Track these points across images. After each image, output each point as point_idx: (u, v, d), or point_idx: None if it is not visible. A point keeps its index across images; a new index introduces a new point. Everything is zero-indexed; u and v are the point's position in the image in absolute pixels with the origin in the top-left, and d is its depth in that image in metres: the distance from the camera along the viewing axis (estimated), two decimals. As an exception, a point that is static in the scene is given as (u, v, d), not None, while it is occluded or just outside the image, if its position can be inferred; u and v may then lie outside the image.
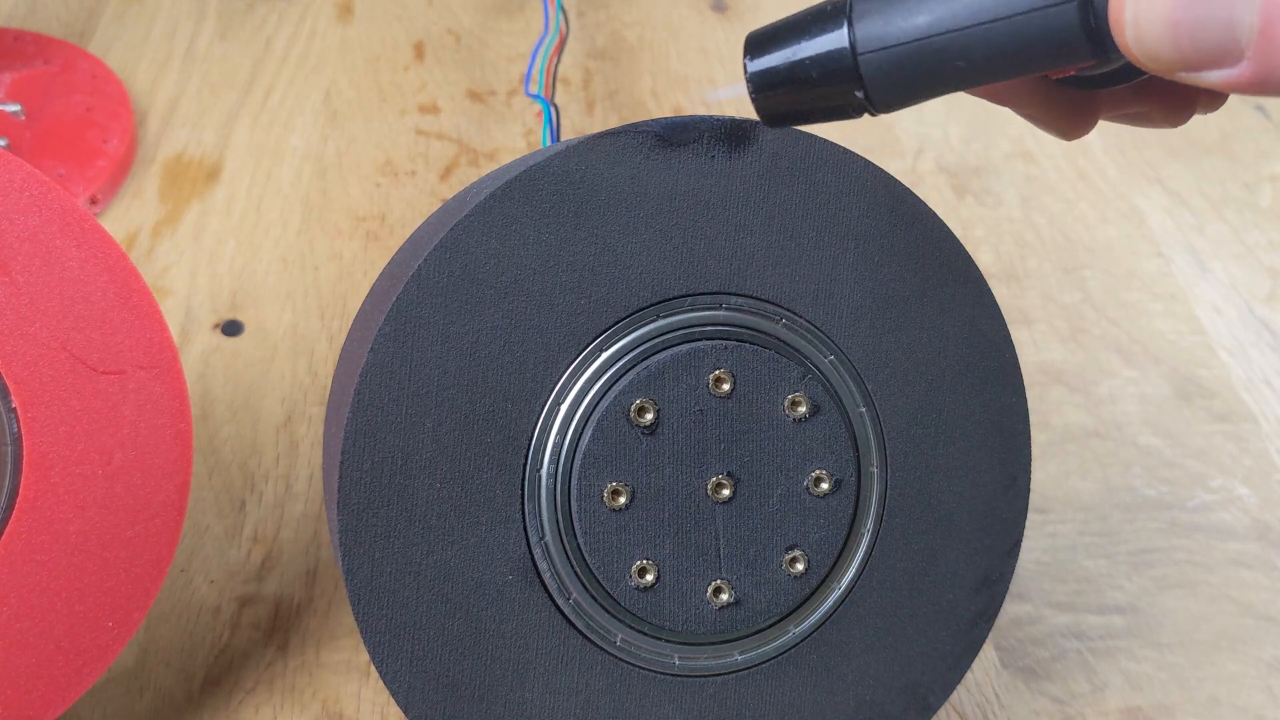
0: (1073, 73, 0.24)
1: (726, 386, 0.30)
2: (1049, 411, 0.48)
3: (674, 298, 0.30)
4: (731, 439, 0.30)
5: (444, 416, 0.29)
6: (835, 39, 0.24)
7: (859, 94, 0.24)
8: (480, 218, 0.29)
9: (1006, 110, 0.29)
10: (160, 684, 0.38)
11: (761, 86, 0.25)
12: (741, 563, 0.31)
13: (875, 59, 0.23)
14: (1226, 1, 0.19)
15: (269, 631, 0.40)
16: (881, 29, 0.23)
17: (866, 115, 0.25)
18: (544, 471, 0.30)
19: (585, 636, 0.31)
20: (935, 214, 0.32)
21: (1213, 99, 0.27)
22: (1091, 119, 0.29)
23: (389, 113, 0.59)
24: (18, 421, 0.31)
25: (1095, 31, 0.22)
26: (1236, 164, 0.59)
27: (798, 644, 0.32)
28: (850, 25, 0.23)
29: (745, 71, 0.25)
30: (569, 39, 0.60)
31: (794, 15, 0.25)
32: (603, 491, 0.30)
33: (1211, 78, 0.20)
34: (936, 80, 0.23)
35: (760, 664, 0.32)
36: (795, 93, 0.25)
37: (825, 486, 0.31)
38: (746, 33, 0.26)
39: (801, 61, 0.24)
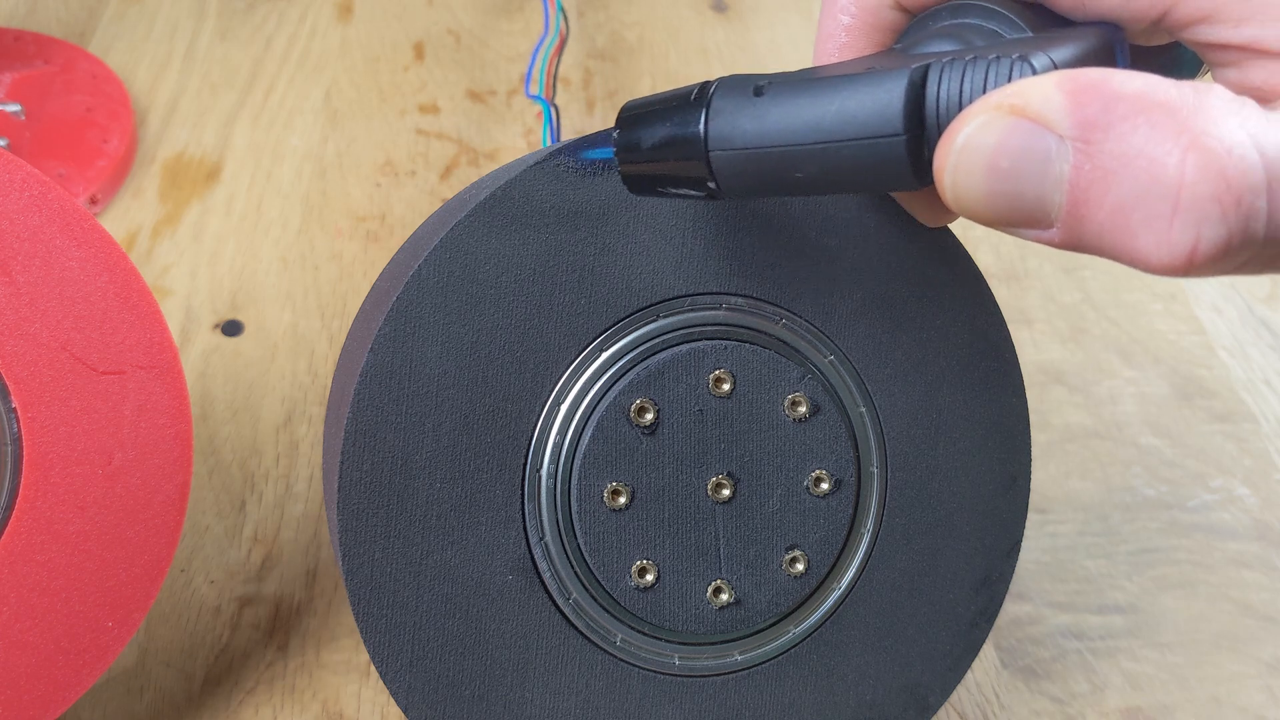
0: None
1: (726, 386, 0.30)
2: (1049, 411, 0.48)
3: (674, 298, 0.30)
4: (731, 439, 0.30)
5: (444, 416, 0.29)
6: (691, 130, 0.25)
7: (710, 183, 0.25)
8: (480, 218, 0.29)
9: None
10: (160, 684, 0.38)
11: (625, 160, 0.27)
12: (741, 563, 0.31)
13: (723, 157, 0.24)
14: (1036, 181, 0.21)
15: (269, 631, 0.40)
16: (730, 130, 0.24)
17: (721, 200, 0.26)
18: (544, 471, 0.30)
19: (585, 636, 0.31)
20: (935, 214, 0.32)
21: None
22: (952, 213, 0.29)
23: (389, 113, 0.59)
24: (18, 421, 0.31)
25: (924, 166, 0.23)
26: (1236, 164, 0.59)
27: (798, 644, 0.32)
28: (706, 120, 0.25)
29: (613, 141, 0.27)
30: (569, 39, 0.60)
31: (666, 94, 0.26)
32: (603, 491, 0.30)
33: (1026, 234, 0.22)
34: (779, 185, 0.24)
35: (760, 664, 0.32)
36: (654, 169, 0.26)
37: (825, 486, 0.31)
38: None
39: (660, 144, 0.26)
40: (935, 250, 0.32)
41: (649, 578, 0.30)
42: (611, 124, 0.27)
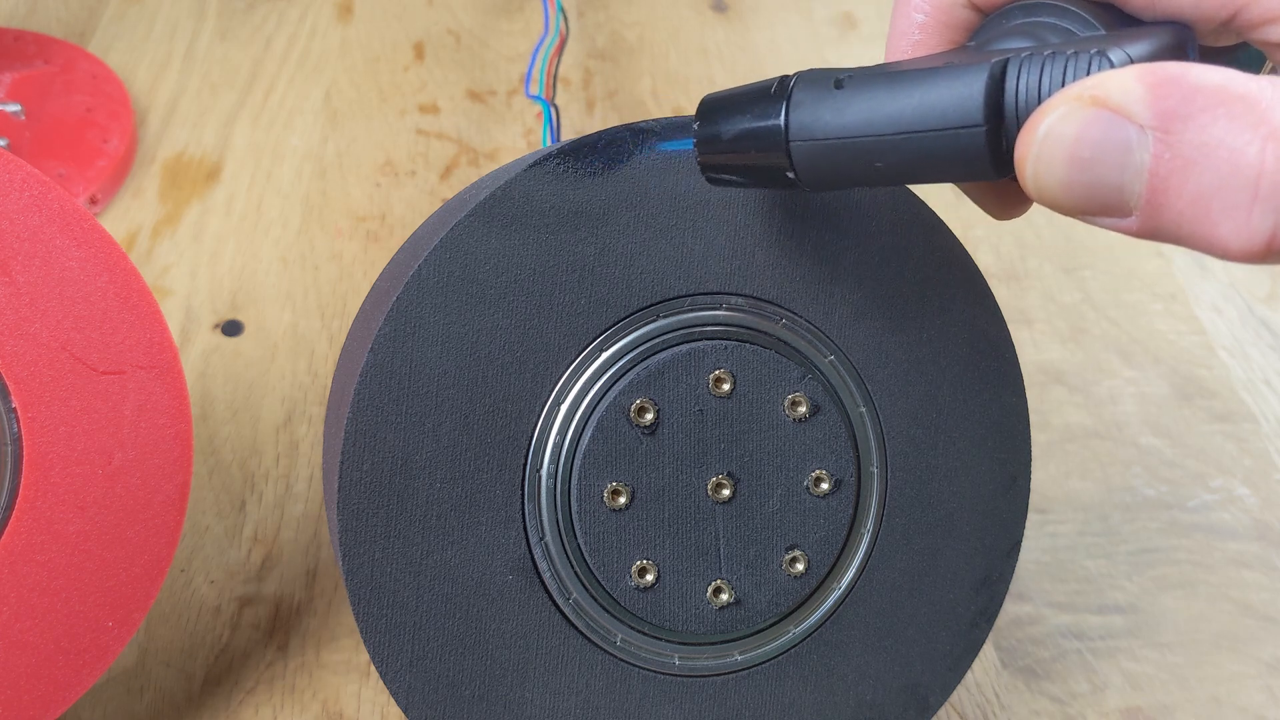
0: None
1: (726, 386, 0.30)
2: (1049, 411, 0.48)
3: (674, 298, 0.30)
4: (731, 439, 0.30)
5: (444, 416, 0.29)
6: (772, 122, 0.26)
7: (790, 174, 0.26)
8: (480, 218, 0.29)
9: None
10: (160, 684, 0.38)
11: (706, 151, 0.27)
12: (741, 563, 0.31)
13: (804, 148, 0.25)
14: (1116, 170, 0.22)
15: (269, 631, 0.40)
16: (812, 121, 0.25)
17: (799, 190, 0.27)
18: (544, 471, 0.30)
19: (585, 636, 0.31)
20: (935, 214, 0.32)
21: None
22: (1025, 203, 0.30)
23: (389, 113, 0.59)
24: (18, 421, 0.31)
25: (1003, 157, 0.23)
26: (1236, 164, 0.59)
27: (798, 644, 0.32)
28: (787, 112, 0.25)
29: (693, 133, 0.27)
30: (569, 39, 0.60)
31: (746, 88, 0.27)
32: (603, 491, 0.30)
33: (1103, 222, 0.23)
34: (858, 175, 0.25)
35: (760, 664, 0.32)
36: (734, 160, 0.27)
37: (825, 486, 0.31)
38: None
39: (741, 136, 0.26)
40: (935, 250, 0.32)
41: (649, 578, 0.30)
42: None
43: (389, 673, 0.30)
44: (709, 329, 0.31)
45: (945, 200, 0.56)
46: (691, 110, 0.28)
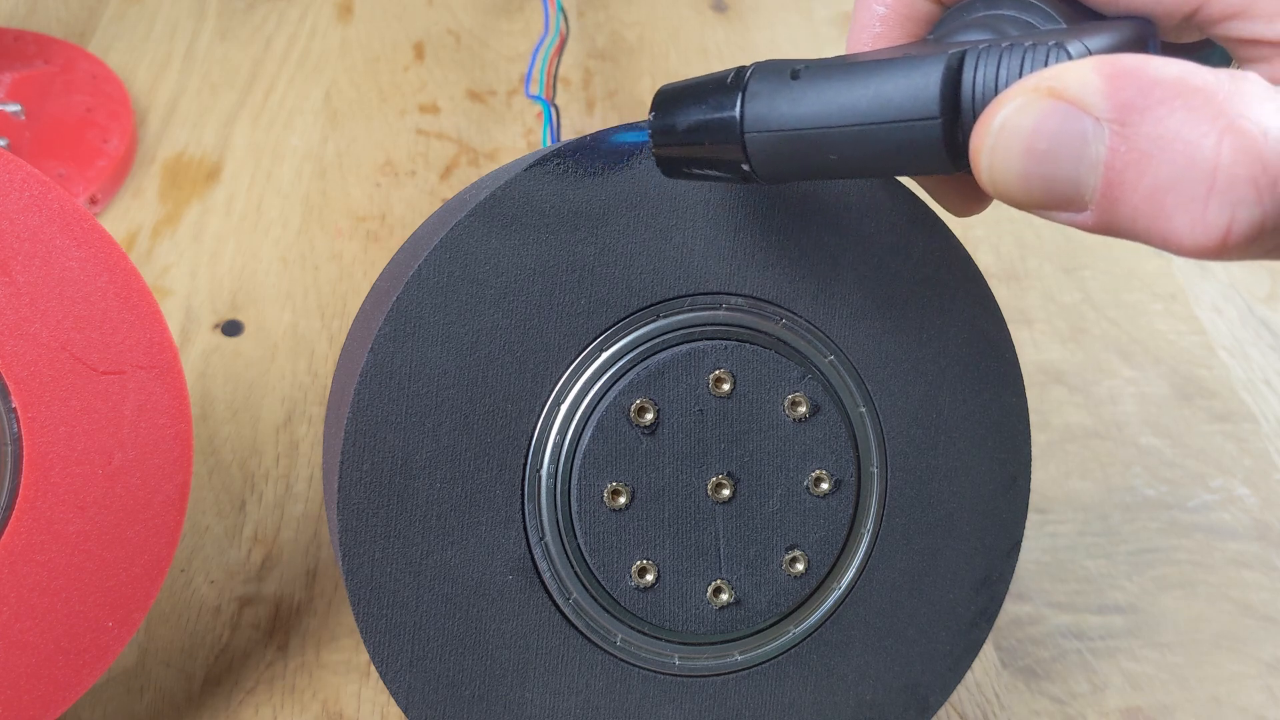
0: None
1: (726, 386, 0.30)
2: (1049, 411, 0.48)
3: (674, 298, 0.30)
4: (731, 439, 0.30)
5: (444, 416, 0.29)
6: (727, 113, 0.25)
7: (745, 166, 0.26)
8: (480, 218, 0.29)
9: None
10: (160, 684, 0.38)
11: (660, 143, 0.27)
12: (741, 563, 0.31)
13: (758, 138, 0.25)
14: (1072, 162, 0.21)
15: (269, 631, 0.40)
16: (767, 112, 0.25)
17: (755, 183, 0.26)
18: (544, 471, 0.30)
19: (585, 636, 0.31)
20: (935, 214, 0.32)
21: None
22: (985, 200, 0.30)
23: (389, 113, 0.59)
24: (18, 421, 0.31)
25: (959, 149, 0.23)
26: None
27: (798, 644, 0.32)
28: (742, 103, 0.25)
29: (648, 125, 0.27)
30: (569, 39, 0.60)
31: (702, 78, 0.26)
32: (603, 491, 0.30)
33: (1059, 217, 0.22)
34: (815, 167, 0.25)
35: (760, 664, 0.32)
36: (689, 153, 0.27)
37: (825, 486, 0.31)
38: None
39: (696, 127, 0.26)
40: (935, 250, 0.32)
41: (649, 578, 0.30)
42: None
43: (389, 673, 0.30)
44: (709, 329, 0.31)
45: (945, 200, 0.56)
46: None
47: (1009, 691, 0.40)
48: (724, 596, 0.31)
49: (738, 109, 0.25)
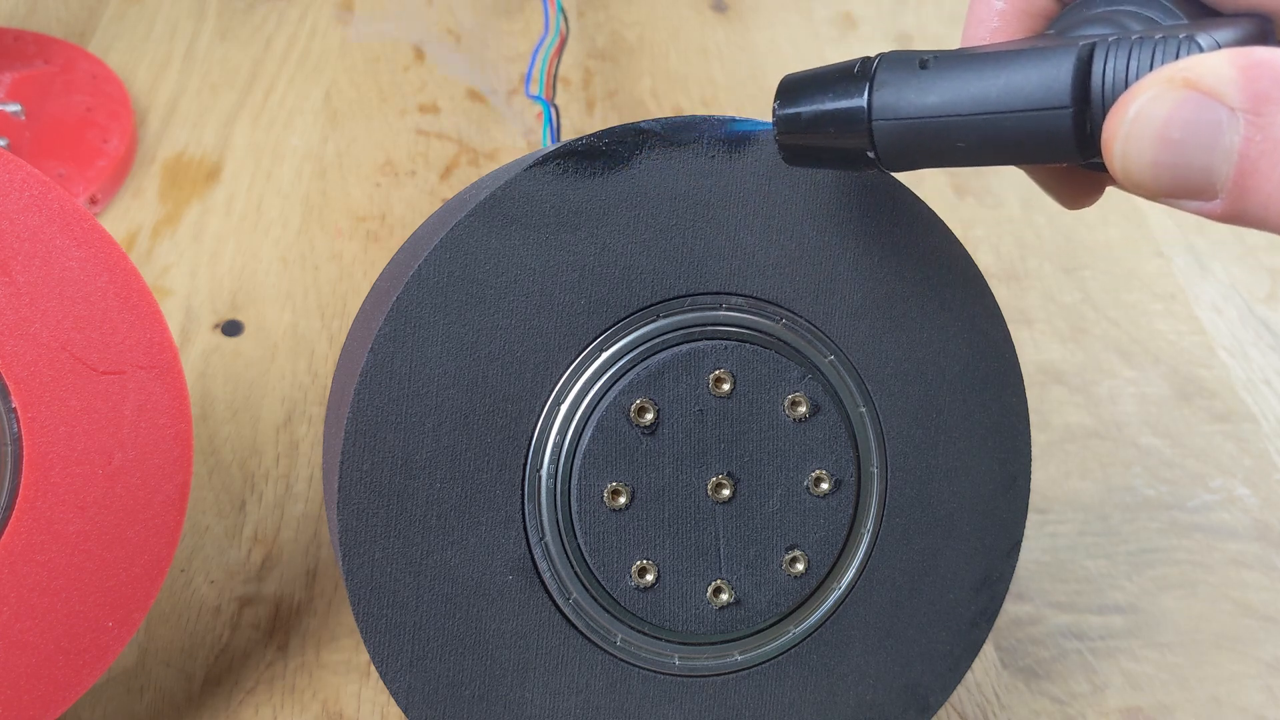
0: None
1: (726, 386, 0.30)
2: (1049, 411, 0.48)
3: (674, 298, 0.30)
4: (731, 439, 0.30)
5: (444, 416, 0.29)
6: (855, 102, 0.26)
7: (870, 153, 0.26)
8: (480, 218, 0.29)
9: None
10: (160, 684, 0.38)
11: (785, 130, 0.27)
12: (741, 563, 0.31)
13: (886, 126, 0.25)
14: (1205, 151, 0.22)
15: (269, 631, 0.40)
16: (896, 100, 0.25)
17: (876, 170, 0.27)
18: (544, 471, 0.30)
19: (585, 636, 0.31)
20: (935, 214, 0.32)
21: None
22: (1096, 193, 0.30)
23: (389, 113, 0.59)
24: (18, 421, 0.31)
25: (1087, 139, 0.23)
26: (1236, 164, 0.59)
27: (798, 644, 0.32)
28: (870, 91, 0.25)
29: (774, 113, 0.27)
30: (569, 39, 0.60)
31: (826, 68, 0.27)
32: (603, 491, 0.30)
33: (1187, 206, 0.23)
34: (940, 155, 0.25)
35: (760, 664, 0.32)
36: (814, 141, 0.27)
37: (825, 486, 0.31)
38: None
39: (822, 115, 0.26)
40: (935, 250, 0.32)
41: (649, 578, 0.30)
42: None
43: (389, 673, 0.30)
44: (709, 329, 0.31)
45: (945, 200, 0.56)
46: (691, 110, 0.28)
47: (1009, 691, 0.40)
48: (724, 596, 0.31)
49: (865, 97, 0.25)
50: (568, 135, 0.42)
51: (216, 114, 0.58)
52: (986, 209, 0.56)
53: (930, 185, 0.57)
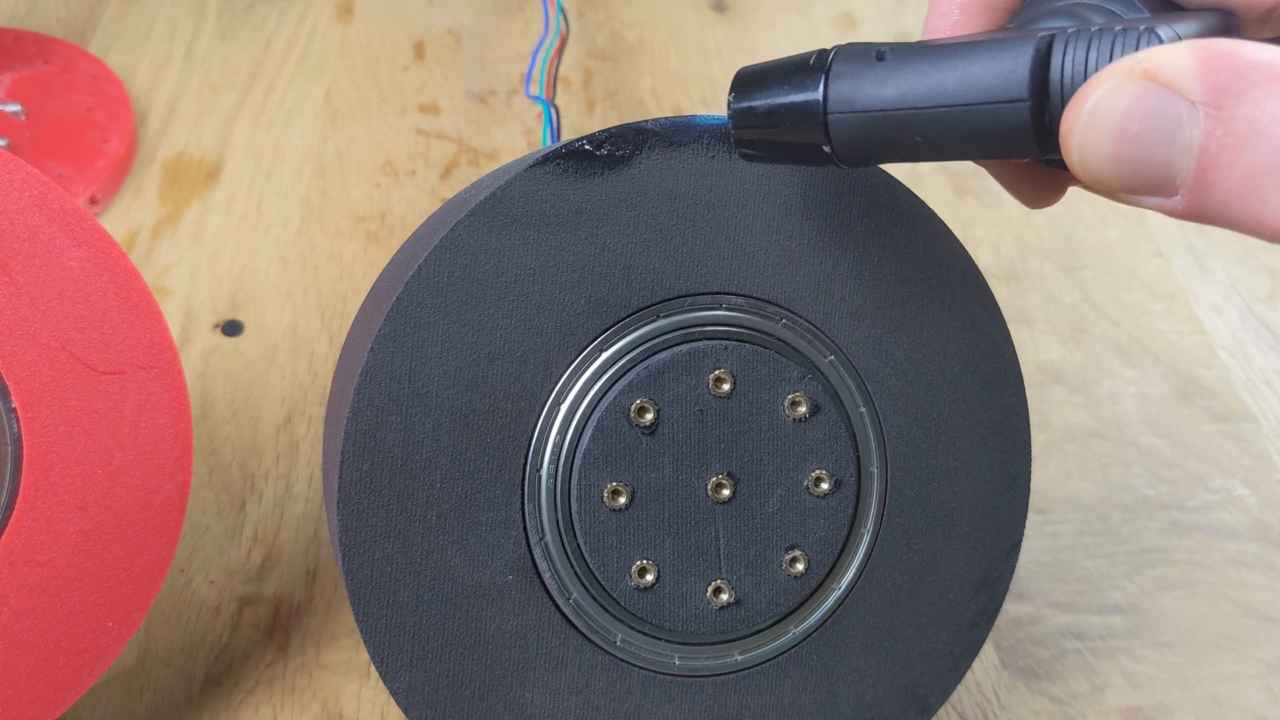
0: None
1: (726, 386, 0.30)
2: (1049, 411, 0.48)
3: (674, 298, 0.30)
4: (731, 439, 0.30)
5: (444, 416, 0.29)
6: (810, 95, 0.25)
7: (826, 148, 0.25)
8: (480, 218, 0.29)
9: None
10: (160, 684, 0.38)
11: (740, 125, 0.27)
12: (741, 563, 0.31)
13: (842, 119, 0.25)
14: (1165, 145, 0.21)
15: (269, 631, 0.40)
16: (851, 93, 0.25)
17: (834, 167, 0.26)
18: (544, 471, 0.30)
19: (585, 636, 0.31)
20: (935, 214, 0.32)
21: None
22: (1058, 191, 0.30)
23: (389, 113, 0.59)
24: (18, 421, 0.31)
25: (1046, 133, 0.23)
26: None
27: (798, 644, 0.32)
28: (826, 84, 0.25)
29: (728, 107, 0.27)
30: (569, 39, 0.60)
31: (782, 61, 0.26)
32: (603, 491, 0.30)
33: (1147, 203, 0.22)
34: (898, 149, 0.25)
35: (760, 664, 0.32)
36: (769, 135, 0.26)
37: (825, 486, 0.31)
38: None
39: (777, 108, 0.26)
40: (935, 250, 0.32)
41: (649, 578, 0.30)
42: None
43: (389, 673, 0.30)
44: (709, 329, 0.31)
45: (945, 200, 0.56)
46: (691, 109, 0.28)
47: (1009, 691, 0.40)
48: (724, 596, 0.31)
49: (821, 90, 0.25)
50: (568, 135, 0.42)
51: (216, 114, 0.58)
52: (986, 209, 0.56)
53: (930, 185, 0.57)
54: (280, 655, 0.39)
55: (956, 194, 0.56)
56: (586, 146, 0.30)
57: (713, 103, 0.61)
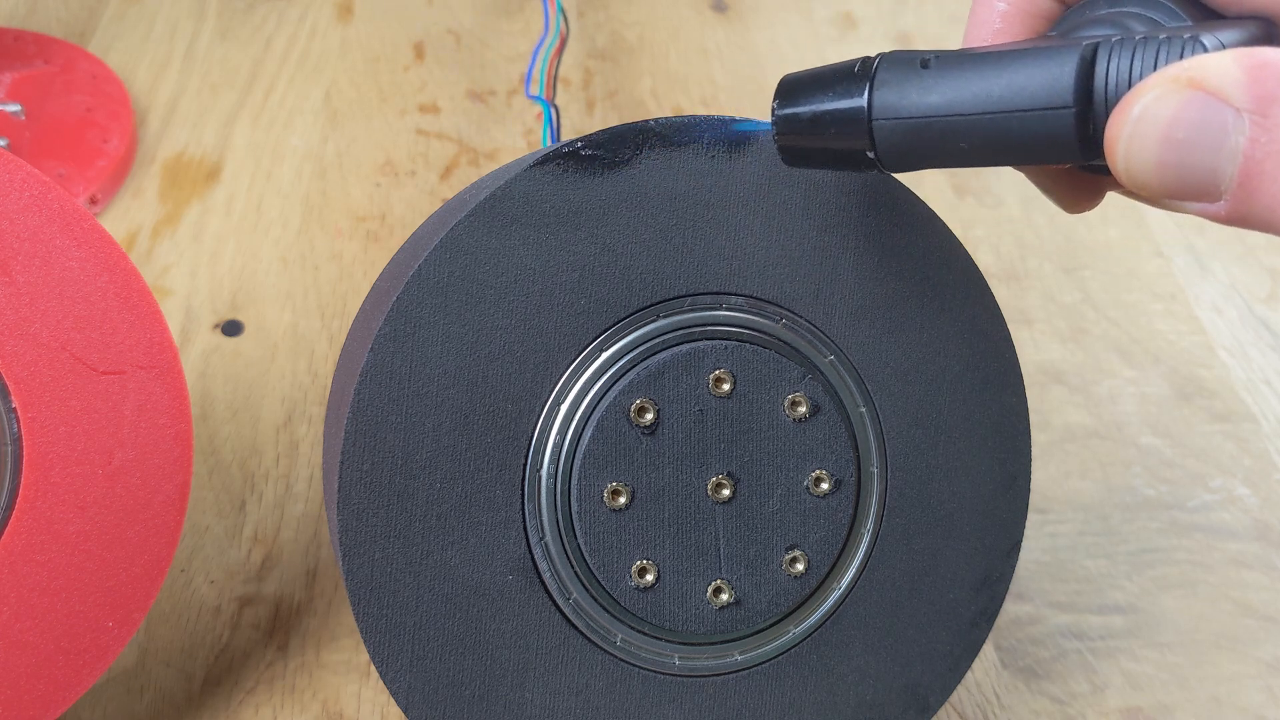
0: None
1: (726, 386, 0.30)
2: (1049, 411, 0.48)
3: (674, 298, 0.30)
4: (731, 439, 0.30)
5: (444, 416, 0.29)
6: (855, 102, 0.25)
7: (870, 154, 0.26)
8: (480, 218, 0.29)
9: None
10: (160, 684, 0.38)
11: (784, 131, 0.27)
12: (741, 563, 0.31)
13: (887, 126, 0.25)
14: (1210, 152, 0.21)
15: (269, 631, 0.40)
16: (897, 100, 0.25)
17: (876, 171, 0.26)
18: (544, 471, 0.30)
19: (585, 636, 0.31)
20: (935, 214, 0.32)
21: None
22: (1096, 197, 0.30)
23: (389, 113, 0.59)
24: (18, 421, 0.31)
25: (1090, 140, 0.23)
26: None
27: (798, 644, 0.32)
28: (871, 91, 0.25)
29: (772, 114, 0.27)
30: (569, 39, 0.60)
31: (826, 68, 0.26)
32: (603, 491, 0.30)
33: (1190, 208, 0.22)
34: (941, 155, 0.25)
35: (760, 664, 0.32)
36: (813, 141, 0.27)
37: (825, 486, 0.31)
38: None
39: (822, 115, 0.26)
40: (935, 250, 0.32)
41: (649, 578, 0.30)
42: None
43: (389, 673, 0.30)
44: (709, 329, 0.31)
45: (945, 200, 0.56)
46: (691, 109, 0.28)
47: (1009, 691, 0.40)
48: (724, 596, 0.31)
49: (866, 97, 0.25)
50: (568, 135, 0.42)
51: (216, 114, 0.58)
52: (986, 209, 0.56)
53: (930, 185, 0.57)
54: (280, 655, 0.39)
55: (956, 194, 0.56)
56: (586, 146, 0.30)
57: (712, 103, 0.61)
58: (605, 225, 0.30)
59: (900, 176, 0.31)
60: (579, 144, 0.30)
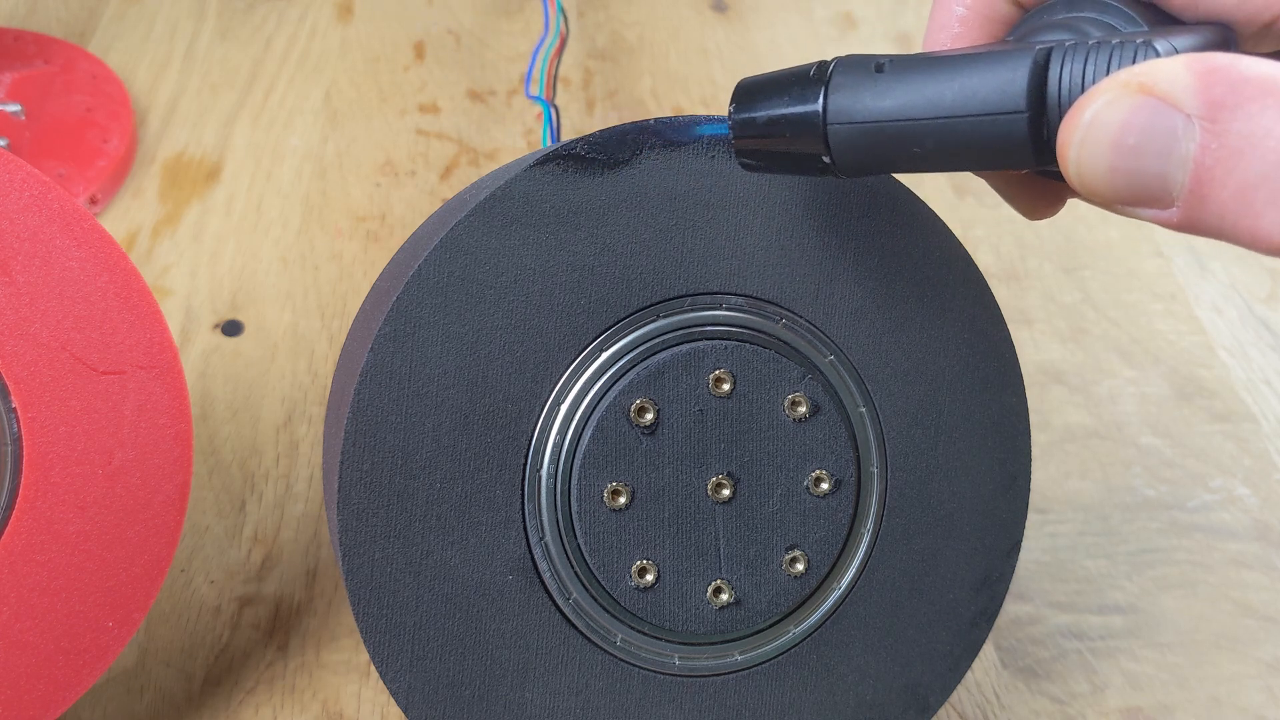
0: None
1: (726, 386, 0.30)
2: (1049, 411, 0.48)
3: (674, 298, 0.30)
4: (731, 439, 0.30)
5: (444, 416, 0.29)
6: (810, 106, 0.25)
7: (825, 159, 0.26)
8: (480, 218, 0.29)
9: None
10: (160, 684, 0.38)
11: (740, 135, 0.27)
12: (741, 563, 0.31)
13: (842, 130, 0.25)
14: (1161, 158, 0.21)
15: (269, 631, 0.40)
16: (851, 104, 0.25)
17: (832, 177, 0.26)
18: (544, 471, 0.30)
19: (585, 636, 0.31)
20: (935, 214, 0.32)
21: None
22: (1057, 203, 0.30)
23: (389, 113, 0.59)
24: (18, 421, 0.31)
25: (1044, 145, 0.23)
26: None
27: (798, 644, 0.32)
28: (825, 95, 0.25)
29: (729, 117, 0.27)
30: (569, 39, 0.60)
31: (782, 72, 0.26)
32: (603, 491, 0.30)
33: (1143, 214, 0.22)
34: (897, 160, 0.25)
35: (760, 664, 0.32)
36: (769, 145, 0.27)
37: (825, 486, 0.31)
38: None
39: (777, 119, 0.26)
40: (935, 250, 0.32)
41: (649, 578, 0.30)
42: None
43: (389, 673, 0.30)
44: (709, 329, 0.31)
45: (945, 200, 0.56)
46: (691, 109, 0.28)
47: (1009, 691, 0.40)
48: (724, 596, 0.31)
49: (821, 101, 0.25)
50: (568, 135, 0.42)
51: (216, 114, 0.58)
52: (986, 209, 0.56)
53: (930, 185, 0.57)
54: (280, 655, 0.39)
55: (956, 194, 0.56)
56: (586, 146, 0.30)
57: (712, 103, 0.61)
58: (605, 225, 0.30)
59: (899, 176, 0.31)
60: (579, 144, 0.30)
